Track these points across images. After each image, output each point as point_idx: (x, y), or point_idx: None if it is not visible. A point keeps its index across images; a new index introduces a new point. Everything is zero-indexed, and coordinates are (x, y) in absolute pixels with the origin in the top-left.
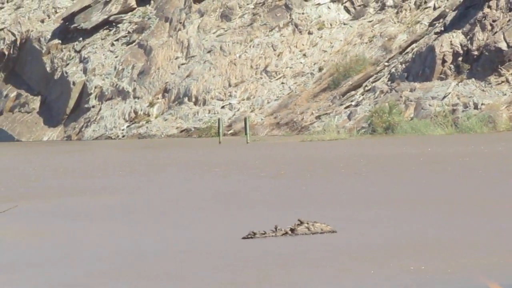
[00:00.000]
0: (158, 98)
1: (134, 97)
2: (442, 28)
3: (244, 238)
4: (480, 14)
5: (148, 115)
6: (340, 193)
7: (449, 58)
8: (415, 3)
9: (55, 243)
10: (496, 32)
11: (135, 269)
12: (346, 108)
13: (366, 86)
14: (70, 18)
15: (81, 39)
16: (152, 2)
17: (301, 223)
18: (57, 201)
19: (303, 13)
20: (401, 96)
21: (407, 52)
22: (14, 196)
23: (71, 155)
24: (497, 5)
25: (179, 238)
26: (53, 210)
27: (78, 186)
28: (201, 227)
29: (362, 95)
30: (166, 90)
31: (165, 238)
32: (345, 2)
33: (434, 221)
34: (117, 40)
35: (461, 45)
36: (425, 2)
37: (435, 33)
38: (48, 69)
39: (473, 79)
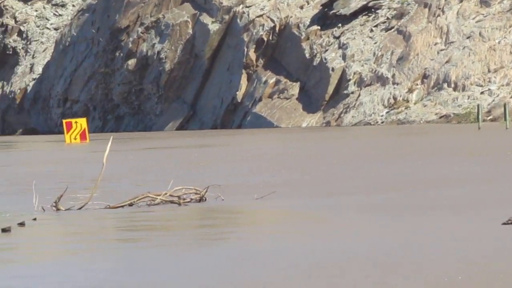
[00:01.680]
0: (417, 84)
1: (393, 83)
2: None
3: (504, 224)
4: None
5: (407, 101)
6: None
7: None
8: None
9: (311, 232)
10: None
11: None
12: None
13: None
14: (329, 4)
15: (340, 25)
16: None
17: None
18: (311, 189)
19: None
20: None
21: None
22: (274, 181)
23: (330, 141)
24: None
25: (442, 227)
26: (308, 198)
27: (331, 173)
28: (465, 213)
29: None
30: (425, 76)
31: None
32: None
33: None
34: (376, 26)
35: None
36: None
37: None
38: (307, 55)
39: None
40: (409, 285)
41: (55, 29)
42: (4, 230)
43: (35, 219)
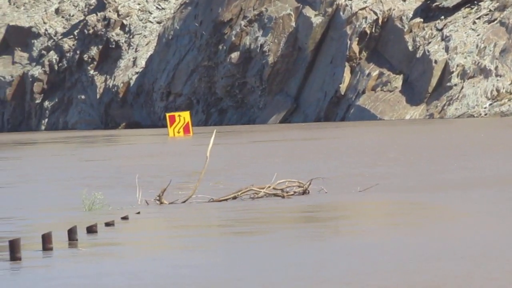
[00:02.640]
0: None
1: (496, 75)
2: None
3: None
4: None
5: (510, 93)
6: None
7: None
8: None
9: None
10: None
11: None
12: None
13: None
14: None
15: (442, 17)
16: None
17: None
18: (414, 182)
19: None
20: None
21: None
22: (377, 174)
23: (434, 133)
24: None
25: None
26: (411, 190)
27: (435, 165)
28: None
29: None
30: None
31: None
32: None
33: None
34: (479, 18)
35: None
36: None
37: None
38: (410, 47)
39: None
40: (490, 277)
41: (158, 22)
42: (107, 224)
43: (138, 212)
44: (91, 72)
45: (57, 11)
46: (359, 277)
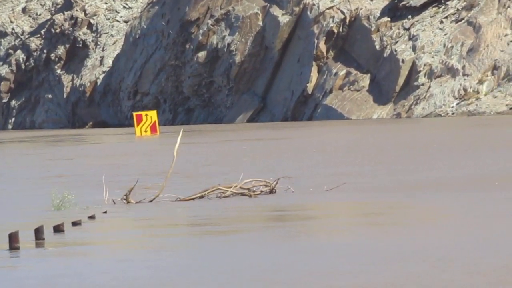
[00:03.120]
0: (487, 76)
1: (463, 75)
2: None
3: None
4: None
5: (478, 93)
6: None
7: None
8: None
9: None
10: None
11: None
12: None
13: None
14: None
15: (410, 16)
16: None
17: None
18: (382, 181)
19: None
20: None
21: None
22: (345, 173)
23: (401, 133)
24: None
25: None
26: (378, 190)
27: (402, 165)
28: None
29: None
30: (495, 68)
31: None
32: None
33: None
34: (446, 17)
35: None
36: None
37: None
38: (377, 47)
39: None
40: (448, 279)
41: (125, 21)
42: (74, 224)
43: (105, 212)
44: (58, 71)
45: (24, 10)
46: (318, 278)
